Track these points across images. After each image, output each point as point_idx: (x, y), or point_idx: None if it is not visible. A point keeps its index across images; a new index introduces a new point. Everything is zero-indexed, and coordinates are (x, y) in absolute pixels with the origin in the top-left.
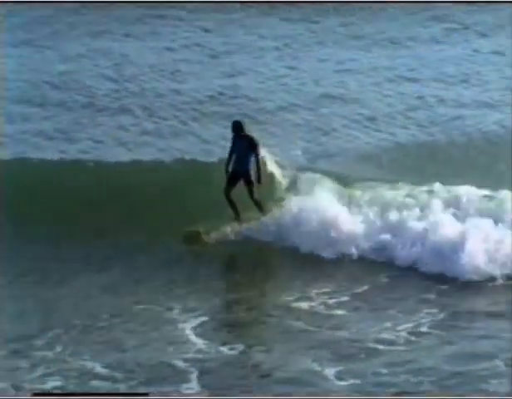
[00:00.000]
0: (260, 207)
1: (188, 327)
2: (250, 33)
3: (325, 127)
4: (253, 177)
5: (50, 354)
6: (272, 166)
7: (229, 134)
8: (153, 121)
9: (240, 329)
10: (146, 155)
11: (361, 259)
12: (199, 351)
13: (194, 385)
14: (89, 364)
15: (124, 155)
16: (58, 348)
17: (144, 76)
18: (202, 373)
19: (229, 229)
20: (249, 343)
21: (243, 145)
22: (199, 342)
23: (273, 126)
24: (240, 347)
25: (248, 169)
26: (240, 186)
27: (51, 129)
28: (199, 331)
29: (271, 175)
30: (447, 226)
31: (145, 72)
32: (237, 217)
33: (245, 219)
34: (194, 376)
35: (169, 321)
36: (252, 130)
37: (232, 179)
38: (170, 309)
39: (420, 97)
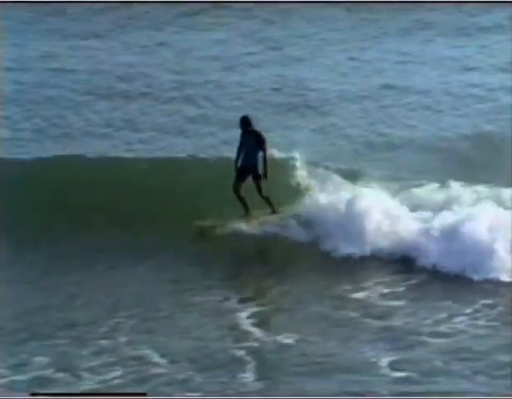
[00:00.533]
0: (270, 203)
1: (244, 317)
2: (313, 25)
3: (387, 118)
4: (261, 172)
5: (110, 343)
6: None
7: (292, 123)
8: (215, 112)
9: (295, 319)
10: (206, 146)
11: None
12: (256, 340)
13: (249, 374)
14: (148, 353)
15: (186, 146)
16: (119, 338)
17: (207, 68)
18: (258, 362)
19: (240, 224)
20: (305, 332)
21: (251, 141)
22: (256, 332)
23: (335, 117)
24: (296, 336)
25: (256, 165)
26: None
27: (119, 119)
28: (255, 320)
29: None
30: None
31: (208, 64)
32: (246, 212)
33: (259, 214)
34: (250, 365)
35: (226, 311)
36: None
37: (240, 175)
38: (227, 299)
39: (485, 87)
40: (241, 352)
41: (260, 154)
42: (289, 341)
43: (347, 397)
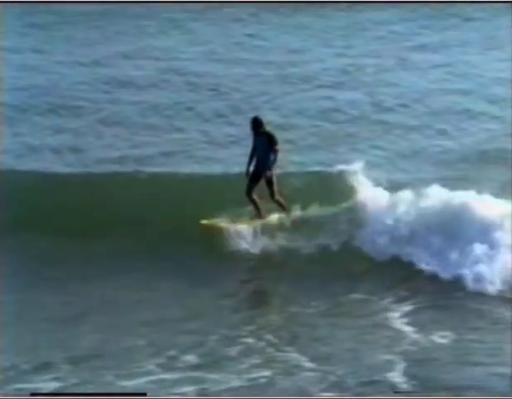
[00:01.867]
0: (283, 207)
1: (397, 316)
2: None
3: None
4: (272, 172)
5: (257, 345)
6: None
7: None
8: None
9: (450, 317)
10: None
11: None
12: (410, 340)
13: (401, 374)
14: (295, 357)
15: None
16: (264, 340)
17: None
18: (410, 362)
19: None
20: (460, 332)
21: (263, 143)
22: (410, 331)
23: None
24: (451, 335)
25: (269, 168)
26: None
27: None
28: (409, 320)
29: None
30: None
31: None
32: (258, 214)
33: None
34: (402, 365)
35: (379, 310)
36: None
37: (254, 178)
38: (382, 299)
39: None
40: (393, 352)
41: (272, 155)
42: (444, 341)
43: (347, 397)
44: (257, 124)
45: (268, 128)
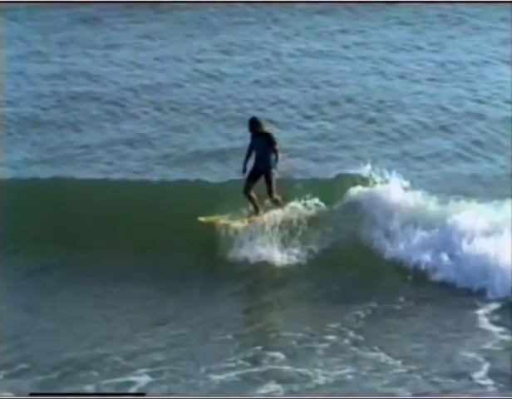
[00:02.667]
0: (279, 206)
1: (482, 314)
2: None
3: None
4: (274, 172)
5: (341, 342)
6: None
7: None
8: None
9: None
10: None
11: None
12: (495, 339)
13: (486, 375)
14: (379, 355)
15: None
16: (348, 337)
17: None
18: (495, 363)
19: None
20: None
21: (262, 143)
22: (495, 330)
23: None
24: None
25: (269, 167)
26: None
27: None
28: (495, 318)
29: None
30: None
31: None
32: (256, 212)
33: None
34: (487, 366)
35: (463, 308)
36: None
37: (252, 176)
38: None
39: None
40: (477, 351)
41: (272, 155)
42: None
43: (347, 397)
44: (255, 124)
45: (267, 128)
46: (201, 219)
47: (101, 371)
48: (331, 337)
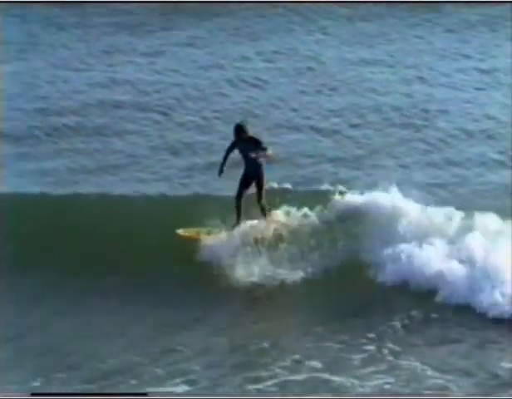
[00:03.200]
0: (264, 212)
1: None
2: None
3: None
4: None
5: (379, 352)
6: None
7: None
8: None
9: None
10: None
11: None
12: None
13: None
14: (417, 366)
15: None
16: (386, 347)
17: None
18: None
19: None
20: None
21: (250, 148)
22: None
23: None
24: None
25: (260, 172)
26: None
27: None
28: None
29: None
30: None
31: None
32: (237, 223)
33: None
34: None
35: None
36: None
37: (244, 183)
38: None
39: None
40: None
41: (262, 160)
42: None
43: (347, 397)
44: (240, 130)
45: (252, 133)
46: (180, 231)
47: (141, 380)
48: (368, 347)
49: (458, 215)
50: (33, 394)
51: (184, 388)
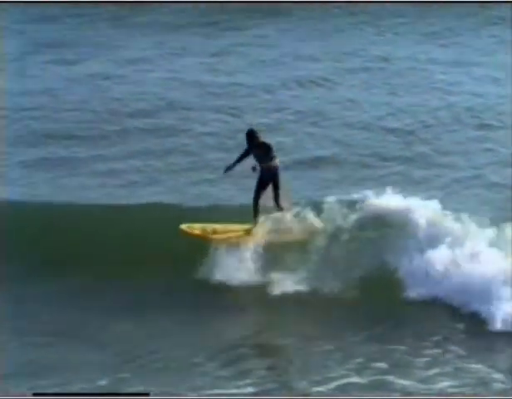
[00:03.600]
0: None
1: None
2: None
3: None
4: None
5: (443, 355)
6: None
7: None
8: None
9: None
10: None
11: None
12: None
13: None
14: (482, 369)
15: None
16: (449, 351)
17: None
18: None
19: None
20: None
21: (262, 153)
22: None
23: None
24: None
25: (276, 174)
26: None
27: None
28: None
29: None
30: None
31: None
32: (254, 224)
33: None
34: None
35: None
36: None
37: (261, 185)
38: None
39: None
40: None
41: (277, 162)
42: None
43: (347, 397)
44: (252, 136)
45: (263, 139)
46: (183, 226)
47: (205, 381)
48: (432, 351)
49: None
50: (34, 394)
51: (249, 390)
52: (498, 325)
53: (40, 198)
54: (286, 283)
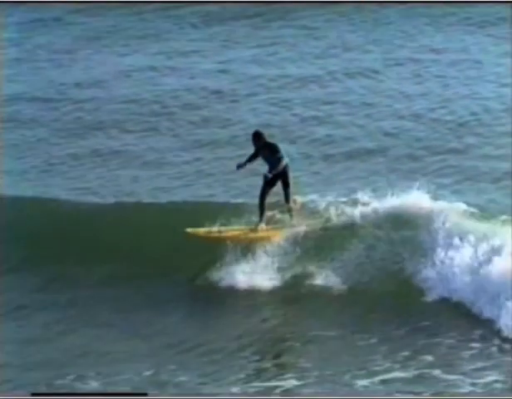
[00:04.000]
0: (291, 214)
1: None
2: None
3: None
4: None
5: (488, 349)
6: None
7: None
8: None
9: None
10: None
11: None
12: None
13: None
14: None
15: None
16: (494, 344)
17: None
18: None
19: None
20: None
21: (269, 153)
22: None
23: None
24: None
25: (285, 171)
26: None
27: None
28: None
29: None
30: None
31: None
32: (260, 222)
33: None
34: None
35: None
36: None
37: (269, 182)
38: None
39: None
40: None
41: (287, 160)
42: None
43: (346, 397)
44: (258, 137)
45: (269, 139)
46: (189, 230)
47: (248, 374)
48: (477, 345)
49: None
50: (33, 394)
51: (293, 383)
52: None
53: (89, 191)
54: (323, 278)
